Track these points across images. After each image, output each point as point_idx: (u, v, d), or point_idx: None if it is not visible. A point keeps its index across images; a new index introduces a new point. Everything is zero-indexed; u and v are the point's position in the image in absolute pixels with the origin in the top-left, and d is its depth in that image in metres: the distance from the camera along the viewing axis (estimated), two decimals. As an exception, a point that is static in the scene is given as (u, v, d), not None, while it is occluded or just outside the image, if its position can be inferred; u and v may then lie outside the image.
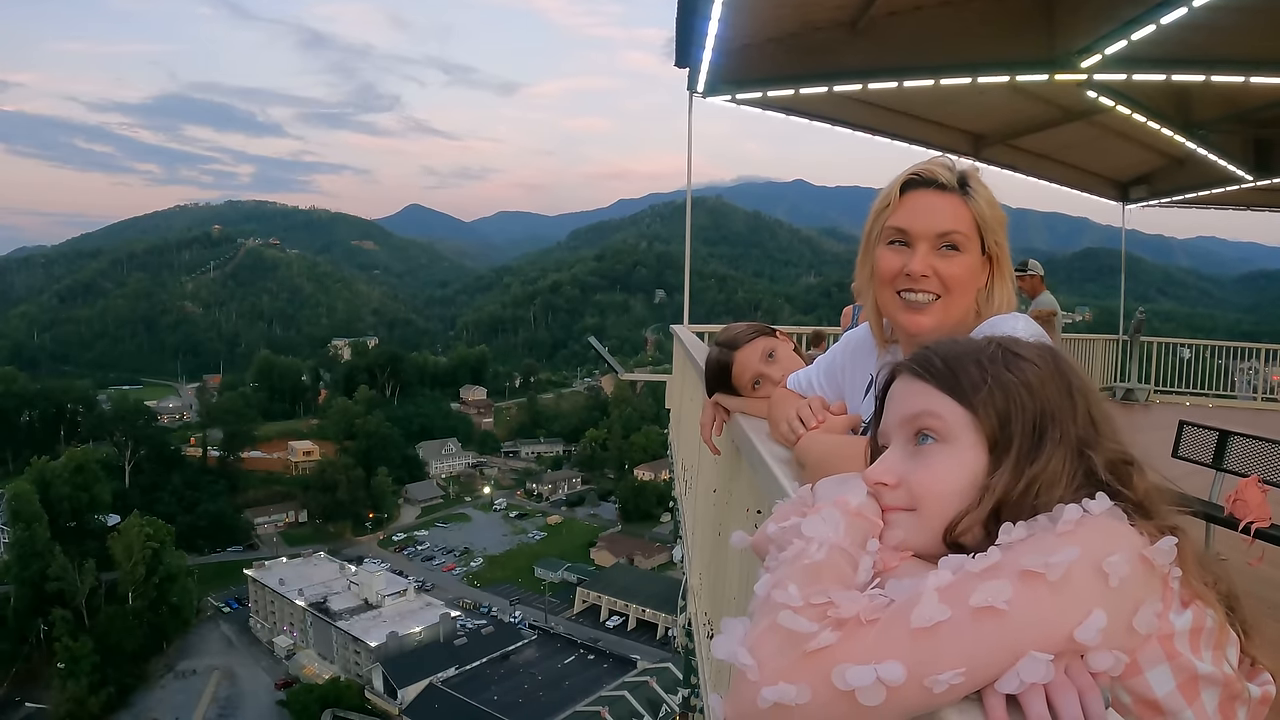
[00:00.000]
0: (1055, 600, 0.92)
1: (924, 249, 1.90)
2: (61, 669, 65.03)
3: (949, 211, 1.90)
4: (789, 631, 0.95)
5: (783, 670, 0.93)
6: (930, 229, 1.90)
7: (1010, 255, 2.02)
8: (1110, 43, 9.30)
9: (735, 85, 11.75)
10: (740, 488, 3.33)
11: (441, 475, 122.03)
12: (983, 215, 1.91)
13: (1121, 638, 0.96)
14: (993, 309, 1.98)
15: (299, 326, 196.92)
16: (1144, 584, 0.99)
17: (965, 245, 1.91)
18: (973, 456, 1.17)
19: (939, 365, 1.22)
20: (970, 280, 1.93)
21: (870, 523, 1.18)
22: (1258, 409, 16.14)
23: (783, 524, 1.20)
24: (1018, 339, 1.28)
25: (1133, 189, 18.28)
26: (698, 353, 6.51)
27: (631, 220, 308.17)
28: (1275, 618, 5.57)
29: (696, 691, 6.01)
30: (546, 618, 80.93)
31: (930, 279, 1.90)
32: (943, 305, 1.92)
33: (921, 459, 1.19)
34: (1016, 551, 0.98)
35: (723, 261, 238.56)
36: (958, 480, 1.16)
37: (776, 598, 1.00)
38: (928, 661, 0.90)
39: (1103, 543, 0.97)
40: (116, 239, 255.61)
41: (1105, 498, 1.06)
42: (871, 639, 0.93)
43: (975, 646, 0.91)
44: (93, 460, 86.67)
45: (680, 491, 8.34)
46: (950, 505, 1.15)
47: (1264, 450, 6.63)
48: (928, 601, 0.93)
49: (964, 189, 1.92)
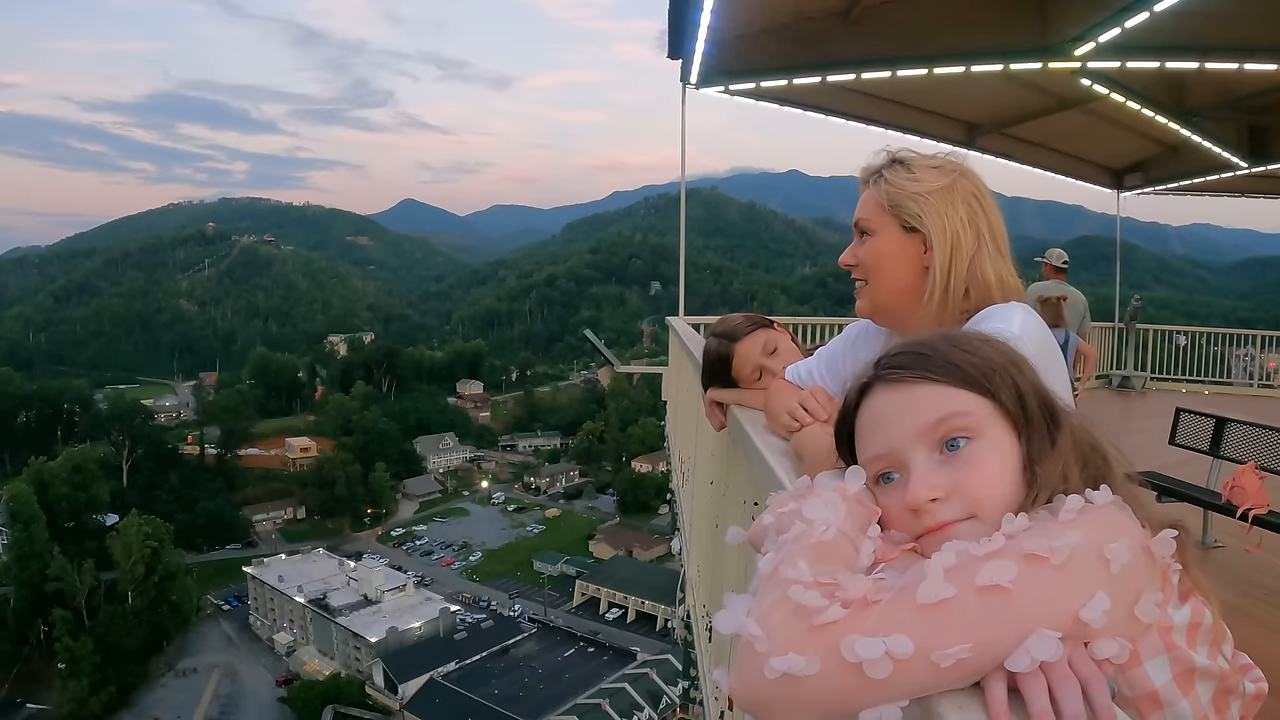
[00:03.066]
0: (1059, 581, 0.92)
1: (854, 241, 2.13)
2: (62, 669, 65.08)
3: (862, 203, 2.10)
4: (798, 605, 0.94)
5: (792, 641, 0.92)
6: (854, 223, 2.12)
7: (996, 237, 2.04)
8: (1104, 30, 9.30)
9: (728, 76, 11.71)
10: (737, 480, 3.33)
11: (439, 470, 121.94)
12: (890, 196, 2.03)
13: (1124, 625, 0.95)
14: (979, 284, 1.99)
15: (294, 323, 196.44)
16: (1145, 574, 0.98)
17: (873, 228, 2.07)
18: (1009, 443, 1.13)
19: (937, 361, 1.17)
20: (884, 260, 2.07)
21: (869, 509, 1.15)
22: (1254, 395, 16.17)
23: (781, 510, 1.17)
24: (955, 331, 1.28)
25: (1127, 176, 18.27)
26: (694, 345, 6.50)
27: (626, 212, 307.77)
28: (1273, 604, 5.59)
29: (696, 683, 6.03)
30: (546, 611, 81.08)
31: (857, 267, 2.12)
32: (869, 289, 2.11)
33: (963, 463, 1.12)
34: (1020, 538, 0.97)
35: (718, 253, 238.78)
36: (1009, 471, 1.12)
37: (785, 573, 0.99)
38: (934, 636, 0.89)
39: (1105, 530, 0.97)
40: (111, 238, 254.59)
41: (1108, 489, 1.05)
42: (878, 615, 0.92)
43: (981, 623, 0.90)
44: (90, 460, 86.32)
45: (678, 484, 8.35)
46: (1009, 500, 1.10)
47: (1261, 437, 6.64)
48: (933, 579, 0.92)
49: (877, 179, 2.06)
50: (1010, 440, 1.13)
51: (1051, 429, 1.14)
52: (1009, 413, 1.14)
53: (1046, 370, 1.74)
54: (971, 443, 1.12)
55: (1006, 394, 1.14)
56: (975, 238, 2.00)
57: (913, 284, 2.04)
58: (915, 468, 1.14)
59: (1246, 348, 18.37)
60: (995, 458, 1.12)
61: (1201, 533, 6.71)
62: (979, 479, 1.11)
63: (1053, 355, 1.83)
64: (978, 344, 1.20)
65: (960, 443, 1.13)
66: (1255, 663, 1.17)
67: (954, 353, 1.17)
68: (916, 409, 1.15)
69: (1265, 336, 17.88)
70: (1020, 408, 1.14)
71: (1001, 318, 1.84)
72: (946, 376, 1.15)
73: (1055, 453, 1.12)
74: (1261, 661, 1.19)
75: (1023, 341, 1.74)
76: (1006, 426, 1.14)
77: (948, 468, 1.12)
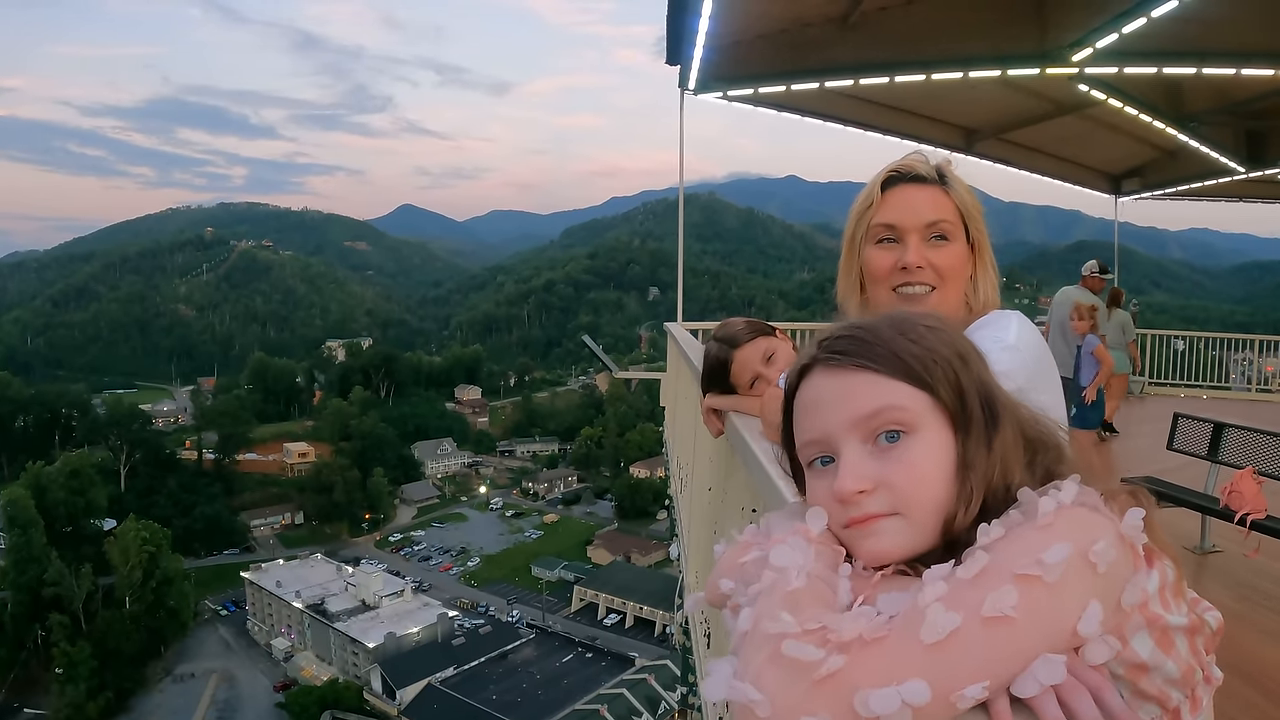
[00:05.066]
0: (1055, 600, 0.90)
1: (915, 241, 1.91)
2: (60, 674, 64.94)
3: (933, 202, 1.92)
4: (794, 660, 0.89)
5: (798, 702, 0.87)
6: (919, 221, 1.91)
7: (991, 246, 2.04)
8: (1101, 36, 9.32)
9: (726, 82, 11.73)
10: (735, 486, 3.33)
11: (437, 475, 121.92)
12: (964, 203, 1.94)
13: (1112, 620, 0.95)
14: (979, 301, 1.99)
15: (293, 328, 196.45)
16: (1125, 563, 0.98)
17: (953, 234, 1.92)
18: (944, 440, 1.09)
19: (880, 350, 1.11)
20: (961, 269, 1.95)
21: (834, 550, 1.09)
22: (1252, 400, 16.17)
23: (744, 558, 1.11)
24: (906, 311, 1.24)
25: (1125, 181, 18.30)
26: (692, 350, 6.50)
27: (624, 218, 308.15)
28: (1271, 609, 5.58)
29: (695, 689, 6.01)
30: (544, 616, 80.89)
31: (926, 270, 1.91)
32: (938, 295, 1.93)
33: (895, 457, 1.08)
34: (1003, 552, 0.94)
35: (716, 258, 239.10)
36: (941, 471, 1.08)
37: (769, 628, 0.94)
38: (948, 678, 0.86)
39: (1085, 532, 0.95)
40: (109, 242, 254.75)
41: (1073, 484, 1.01)
42: (884, 658, 0.88)
43: (991, 656, 0.88)
44: (88, 465, 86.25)
45: (676, 489, 8.34)
46: (939, 500, 1.07)
47: (1259, 442, 6.65)
48: (935, 614, 0.89)
49: (943, 180, 1.94)
50: (946, 437, 1.09)
51: (990, 429, 1.10)
52: (947, 409, 1.09)
53: (1038, 378, 1.75)
54: (906, 437, 1.08)
55: (946, 390, 1.09)
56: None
57: (965, 295, 1.99)
58: (846, 458, 1.09)
59: (1244, 352, 18.38)
60: (928, 455, 1.08)
61: (1200, 538, 6.72)
62: (909, 477, 1.07)
63: (1047, 364, 1.84)
64: (924, 332, 1.13)
65: (895, 436, 1.08)
66: (1255, 668, 1.21)
67: (898, 341, 1.11)
68: (852, 398, 1.10)
69: (1263, 341, 17.88)
70: (959, 405, 1.10)
71: (998, 325, 1.85)
72: (886, 367, 1.10)
73: (990, 456, 1.08)
74: (1261, 666, 1.19)
75: (1019, 350, 1.76)
76: (944, 423, 1.09)
77: (879, 460, 1.08)
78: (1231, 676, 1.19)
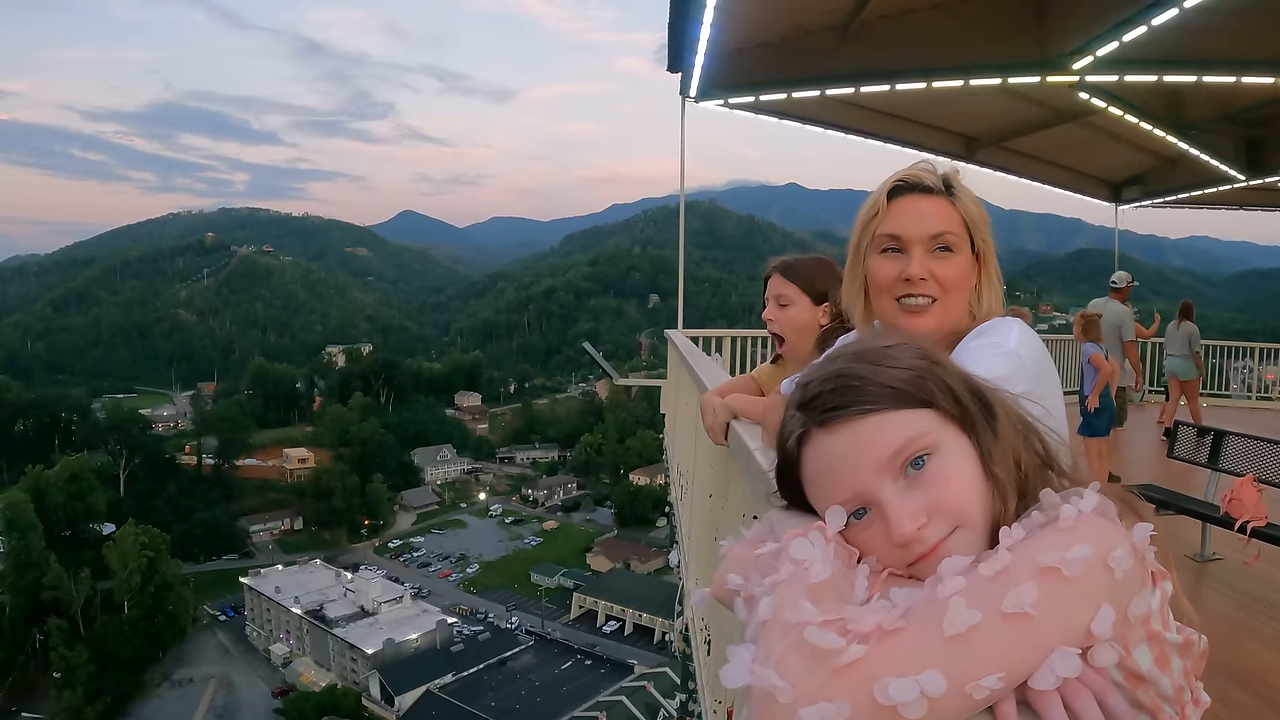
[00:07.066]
0: (1073, 596, 0.92)
1: (919, 252, 1.90)
2: (58, 678, 64.78)
3: (938, 214, 1.91)
4: (816, 648, 0.91)
5: (818, 688, 0.88)
6: (923, 232, 1.90)
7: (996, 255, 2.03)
8: (1101, 44, 9.34)
9: (727, 89, 11.76)
10: (736, 493, 3.33)
11: (437, 481, 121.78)
12: (970, 215, 1.93)
13: (1121, 629, 0.96)
14: (983, 310, 1.98)
15: (293, 334, 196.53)
16: (1138, 575, 0.99)
17: (957, 245, 1.92)
18: (962, 444, 1.11)
19: (870, 388, 1.11)
20: (965, 280, 1.94)
21: (848, 548, 1.10)
22: (1252, 408, 16.18)
23: (759, 551, 1.12)
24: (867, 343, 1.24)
25: (1125, 189, 18.33)
26: (692, 357, 6.50)
27: (625, 225, 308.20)
28: (1271, 616, 5.58)
29: (694, 696, 6.00)
30: (543, 623, 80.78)
31: (928, 281, 1.90)
32: (941, 306, 1.93)
33: (930, 480, 1.09)
34: (1026, 550, 0.96)
35: (716, 265, 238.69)
36: (973, 474, 1.10)
37: (790, 616, 0.95)
38: (965, 668, 0.88)
39: (1105, 539, 0.97)
40: (110, 247, 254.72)
41: (1093, 493, 1.03)
42: (904, 648, 0.90)
43: (1009, 649, 0.89)
44: (87, 469, 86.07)
45: (676, 496, 8.33)
46: (985, 501, 1.09)
47: (1259, 449, 6.66)
48: (956, 608, 0.90)
49: (949, 190, 1.93)
50: (961, 441, 1.11)
51: (989, 417, 1.13)
52: (951, 414, 1.11)
53: (1040, 385, 1.75)
54: (932, 458, 1.09)
55: (943, 397, 1.11)
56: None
57: (969, 306, 1.99)
58: (889, 502, 1.09)
59: (1244, 360, 18.37)
60: (958, 465, 1.10)
61: (1200, 545, 6.72)
62: (952, 492, 1.08)
63: (1049, 371, 1.85)
64: (893, 353, 1.15)
65: (921, 461, 1.09)
66: (1254, 675, 1.21)
67: (880, 373, 1.12)
68: (869, 445, 1.10)
69: (1263, 349, 17.89)
70: (958, 406, 1.12)
71: (998, 332, 1.86)
72: (885, 402, 1.10)
73: (1000, 441, 1.11)
74: (1260, 673, 1.19)
75: (1019, 356, 1.76)
76: (954, 429, 1.11)
77: (917, 490, 1.09)
78: (1231, 683, 1.17)
